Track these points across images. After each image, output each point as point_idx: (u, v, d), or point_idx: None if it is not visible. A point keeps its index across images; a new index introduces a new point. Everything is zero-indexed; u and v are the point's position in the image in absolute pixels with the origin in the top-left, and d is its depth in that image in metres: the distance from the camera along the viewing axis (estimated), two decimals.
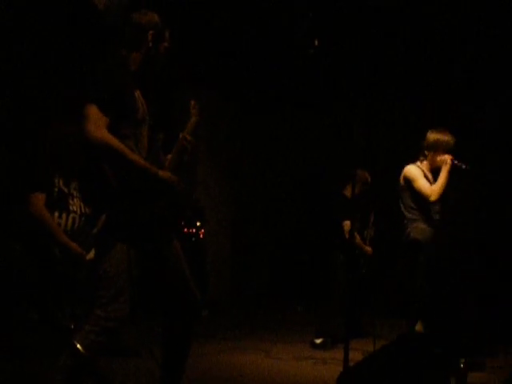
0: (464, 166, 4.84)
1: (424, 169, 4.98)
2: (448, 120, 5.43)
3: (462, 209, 7.04)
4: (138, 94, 2.80)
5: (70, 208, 4.40)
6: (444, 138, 4.92)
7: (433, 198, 4.81)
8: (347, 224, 5.83)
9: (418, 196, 4.87)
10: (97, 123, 2.58)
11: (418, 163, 5.02)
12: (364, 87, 7.33)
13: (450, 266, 5.19)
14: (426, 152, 4.98)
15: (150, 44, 2.84)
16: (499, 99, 8.04)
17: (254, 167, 10.52)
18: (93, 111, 2.60)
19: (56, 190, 4.36)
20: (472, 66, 7.75)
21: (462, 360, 3.57)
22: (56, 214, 4.34)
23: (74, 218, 4.40)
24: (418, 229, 4.90)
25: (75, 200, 4.44)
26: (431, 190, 4.82)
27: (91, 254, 4.16)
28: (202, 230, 8.24)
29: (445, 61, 7.75)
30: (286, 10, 6.58)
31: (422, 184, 4.86)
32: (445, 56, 7.63)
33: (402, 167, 5.07)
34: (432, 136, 4.95)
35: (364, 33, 6.87)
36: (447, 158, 4.85)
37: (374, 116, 8.26)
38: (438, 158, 4.89)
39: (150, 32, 2.84)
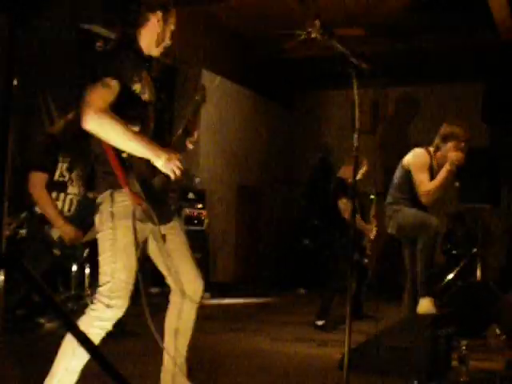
0: (457, 184, 4.65)
1: (433, 157, 4.76)
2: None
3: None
4: (145, 75, 2.76)
5: (69, 191, 4.40)
6: (454, 130, 4.70)
7: (424, 199, 4.66)
8: (343, 201, 5.80)
9: (413, 185, 4.73)
10: (96, 102, 2.52)
11: (431, 149, 4.80)
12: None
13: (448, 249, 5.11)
14: (439, 143, 4.78)
15: (159, 24, 2.81)
16: None
17: (258, 152, 10.48)
18: (94, 90, 2.55)
19: (58, 173, 4.37)
20: None
21: (464, 342, 3.57)
22: (54, 195, 4.35)
23: (71, 200, 4.41)
24: (404, 213, 4.73)
25: (74, 184, 4.45)
26: (426, 191, 4.64)
27: (89, 236, 4.17)
28: (204, 213, 8.24)
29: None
30: None
31: (421, 180, 4.67)
32: None
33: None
34: (444, 127, 4.74)
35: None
36: (455, 158, 4.61)
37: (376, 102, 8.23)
38: (449, 154, 4.66)
39: (158, 12, 2.81)
